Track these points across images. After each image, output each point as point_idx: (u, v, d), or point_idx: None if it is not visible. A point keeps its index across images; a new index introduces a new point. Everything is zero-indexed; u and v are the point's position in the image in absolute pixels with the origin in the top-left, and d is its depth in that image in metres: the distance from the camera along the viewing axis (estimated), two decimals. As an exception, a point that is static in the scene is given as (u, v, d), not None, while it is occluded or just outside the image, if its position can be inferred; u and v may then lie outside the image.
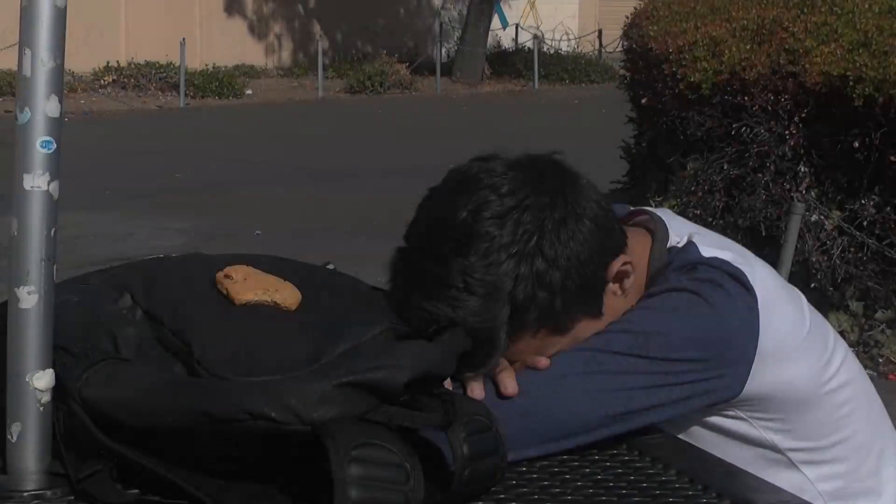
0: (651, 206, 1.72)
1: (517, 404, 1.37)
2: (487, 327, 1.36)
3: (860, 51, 5.50)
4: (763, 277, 1.53)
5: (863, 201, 5.62)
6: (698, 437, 1.53)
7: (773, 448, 1.55)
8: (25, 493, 1.18)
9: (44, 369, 1.18)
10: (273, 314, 1.27)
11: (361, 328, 1.26)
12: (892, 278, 5.62)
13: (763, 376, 1.48)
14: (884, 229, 5.58)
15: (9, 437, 1.19)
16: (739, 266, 1.50)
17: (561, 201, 1.41)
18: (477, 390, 1.37)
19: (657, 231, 1.57)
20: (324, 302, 1.31)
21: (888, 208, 5.58)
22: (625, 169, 7.50)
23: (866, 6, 5.88)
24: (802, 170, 5.79)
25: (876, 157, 5.53)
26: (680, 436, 1.51)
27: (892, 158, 5.46)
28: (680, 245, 1.55)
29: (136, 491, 1.19)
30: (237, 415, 1.12)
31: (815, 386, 1.55)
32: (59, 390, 1.19)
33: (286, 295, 1.30)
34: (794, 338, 1.53)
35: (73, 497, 1.19)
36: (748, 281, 1.49)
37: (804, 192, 5.66)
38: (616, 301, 1.49)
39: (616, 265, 1.47)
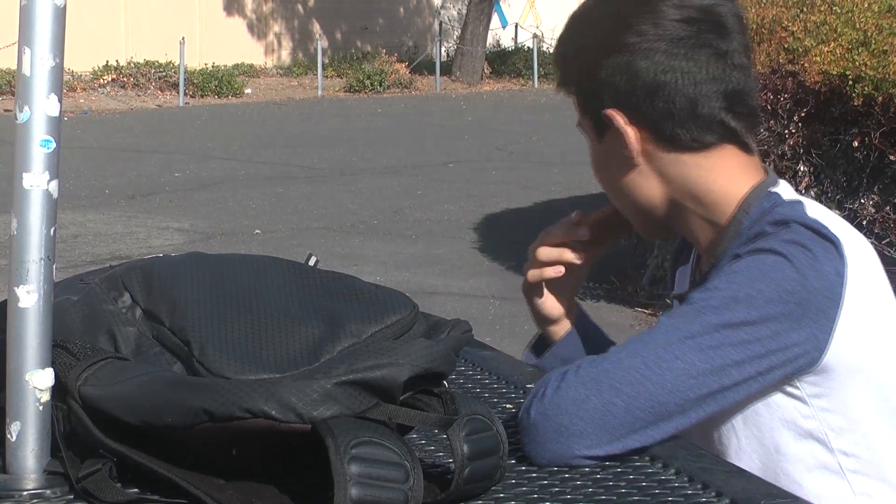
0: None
1: (623, 393, 1.38)
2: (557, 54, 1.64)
3: (859, 50, 5.50)
4: (867, 255, 1.53)
5: (862, 200, 5.63)
6: (756, 418, 1.52)
7: (825, 444, 1.52)
8: (25, 493, 1.18)
9: (43, 368, 1.18)
10: (272, 312, 1.27)
11: (361, 326, 1.26)
12: (891, 278, 5.62)
13: (842, 352, 1.47)
14: (883, 228, 5.59)
15: (8, 436, 1.19)
16: (836, 234, 1.49)
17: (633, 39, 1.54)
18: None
19: (769, 175, 1.59)
20: (323, 300, 1.31)
21: (887, 207, 5.58)
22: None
23: (865, 5, 5.88)
24: (802, 169, 5.80)
25: (875, 156, 5.54)
26: (738, 415, 1.51)
27: (891, 157, 5.47)
28: (788, 199, 1.55)
29: (136, 490, 1.19)
30: (237, 413, 1.12)
31: (890, 385, 1.53)
32: (58, 389, 1.19)
33: None
34: (883, 326, 1.52)
35: (72, 496, 1.19)
36: (842, 248, 1.48)
37: (803, 190, 5.66)
38: (619, 157, 1.58)
39: (610, 111, 1.55)
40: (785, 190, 1.58)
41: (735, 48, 1.55)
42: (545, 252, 1.70)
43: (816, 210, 1.54)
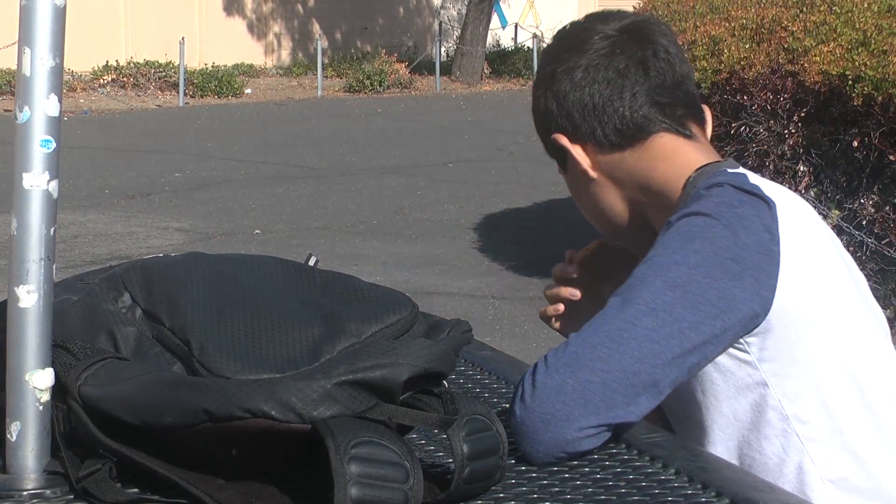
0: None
1: (597, 369, 1.42)
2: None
3: (859, 50, 5.50)
4: (809, 220, 1.58)
5: (861, 200, 5.63)
6: (713, 388, 1.56)
7: (778, 411, 1.54)
8: (25, 493, 1.18)
9: (43, 368, 1.18)
10: (272, 312, 1.27)
11: (361, 326, 1.26)
12: (891, 277, 5.62)
13: (787, 312, 1.50)
14: (883, 228, 5.59)
15: (8, 436, 1.19)
16: (771, 196, 1.54)
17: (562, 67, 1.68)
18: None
19: (728, 160, 1.68)
20: (323, 300, 1.31)
21: (887, 207, 5.58)
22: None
23: (865, 5, 5.88)
24: (801, 169, 5.80)
25: (875, 156, 5.54)
26: (697, 387, 1.55)
27: (891, 157, 5.47)
28: (732, 171, 1.61)
29: (136, 490, 1.19)
30: (237, 413, 1.12)
31: (844, 351, 1.56)
32: (58, 389, 1.19)
33: None
34: (831, 290, 1.55)
35: (72, 496, 1.19)
36: (775, 208, 1.52)
37: (803, 191, 5.67)
38: (580, 177, 1.70)
39: (553, 135, 1.69)
40: (736, 168, 1.64)
41: (654, 53, 1.67)
42: (548, 292, 1.81)
43: (758, 179, 1.60)
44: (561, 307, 1.78)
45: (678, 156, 1.65)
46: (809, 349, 1.54)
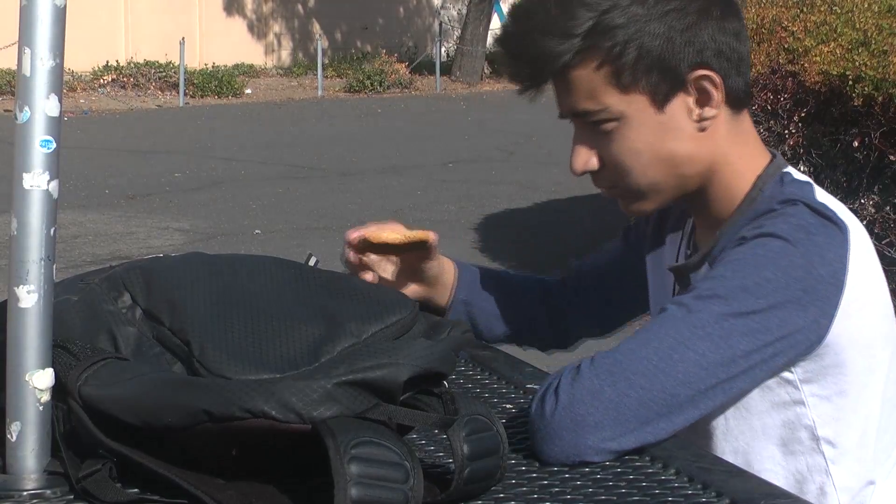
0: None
1: (636, 385, 1.38)
2: (566, 26, 1.52)
3: (859, 50, 5.50)
4: (867, 242, 1.54)
5: (862, 200, 5.63)
6: (746, 400, 1.52)
7: (811, 431, 1.53)
8: (25, 493, 1.18)
9: (43, 368, 1.18)
10: (272, 313, 1.27)
11: (361, 326, 1.26)
12: (891, 277, 5.62)
13: (838, 338, 1.48)
14: (883, 228, 5.59)
15: (8, 436, 1.19)
16: (844, 219, 1.51)
17: None
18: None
19: (778, 157, 1.63)
20: (323, 300, 1.31)
21: (887, 207, 5.58)
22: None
23: (865, 5, 5.88)
24: (802, 169, 5.80)
25: (875, 157, 5.54)
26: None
27: (891, 157, 5.47)
28: (798, 179, 1.58)
29: (136, 490, 1.19)
30: (237, 413, 1.12)
31: (883, 382, 1.55)
32: (58, 389, 1.19)
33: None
34: (877, 314, 1.53)
35: (72, 496, 1.19)
36: (848, 234, 1.49)
37: (803, 191, 5.66)
38: (685, 124, 1.56)
39: (700, 71, 1.54)
40: (794, 171, 1.61)
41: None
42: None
43: (823, 194, 1.56)
44: (371, 275, 1.80)
45: (756, 145, 1.62)
46: (854, 377, 1.52)
